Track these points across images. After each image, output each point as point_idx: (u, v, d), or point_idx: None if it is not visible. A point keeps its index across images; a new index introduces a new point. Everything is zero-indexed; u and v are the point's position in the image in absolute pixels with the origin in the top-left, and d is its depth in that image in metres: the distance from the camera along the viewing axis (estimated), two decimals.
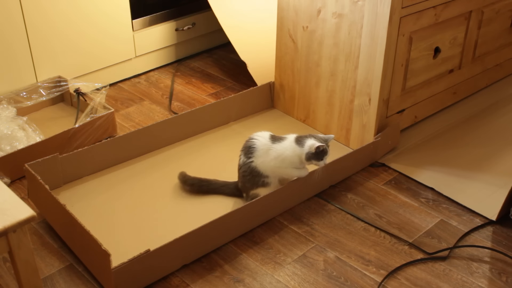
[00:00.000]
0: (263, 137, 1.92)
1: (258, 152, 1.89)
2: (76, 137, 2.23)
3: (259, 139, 1.91)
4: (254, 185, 1.92)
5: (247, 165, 1.91)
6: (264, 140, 1.91)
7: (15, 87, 2.45)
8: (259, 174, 1.90)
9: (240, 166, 1.94)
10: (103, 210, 1.97)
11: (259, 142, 1.90)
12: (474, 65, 2.54)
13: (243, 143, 1.96)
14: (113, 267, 1.57)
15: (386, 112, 2.21)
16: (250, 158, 1.90)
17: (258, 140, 1.91)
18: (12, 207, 1.33)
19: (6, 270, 1.74)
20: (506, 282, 1.71)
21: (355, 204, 2.02)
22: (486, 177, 2.14)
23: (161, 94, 2.72)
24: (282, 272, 1.74)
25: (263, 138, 1.91)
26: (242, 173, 1.93)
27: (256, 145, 1.90)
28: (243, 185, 1.95)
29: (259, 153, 1.89)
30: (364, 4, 2.03)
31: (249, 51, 2.70)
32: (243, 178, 1.93)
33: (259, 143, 1.90)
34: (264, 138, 1.91)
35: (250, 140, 1.92)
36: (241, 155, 1.94)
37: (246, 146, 1.93)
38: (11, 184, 2.11)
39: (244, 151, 1.93)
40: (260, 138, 1.91)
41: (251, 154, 1.90)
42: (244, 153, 1.92)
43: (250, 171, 1.90)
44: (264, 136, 1.92)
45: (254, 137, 1.92)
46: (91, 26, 2.60)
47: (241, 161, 1.93)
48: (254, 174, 1.90)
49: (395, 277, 1.73)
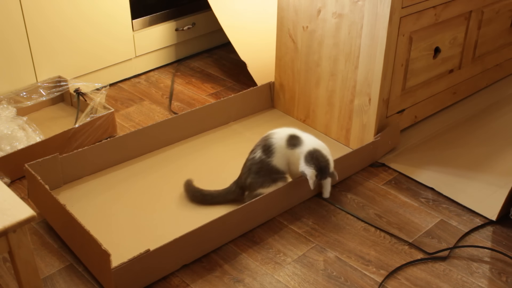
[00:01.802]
0: (281, 138, 1.94)
1: (277, 153, 1.91)
2: (76, 137, 2.23)
3: (278, 139, 1.93)
4: (266, 183, 1.92)
5: (266, 162, 1.91)
6: (282, 141, 1.93)
7: (15, 87, 2.45)
8: (278, 171, 1.92)
9: (255, 163, 1.93)
10: (103, 210, 1.97)
11: (278, 143, 1.92)
12: (474, 65, 2.54)
13: (243, 143, 1.95)
14: (113, 267, 1.57)
15: (386, 112, 2.21)
16: (269, 157, 1.91)
17: (277, 140, 1.93)
18: (12, 207, 1.33)
19: (6, 270, 1.74)
20: (506, 282, 1.71)
21: (355, 204, 2.02)
22: (486, 177, 2.14)
23: (161, 94, 2.72)
24: (282, 272, 1.74)
25: (281, 140, 1.93)
26: (256, 169, 1.92)
27: (275, 146, 1.92)
28: (252, 182, 1.93)
29: (278, 155, 1.91)
30: (364, 4, 2.03)
31: (249, 51, 2.70)
32: (256, 175, 1.92)
33: (278, 144, 1.92)
34: (282, 139, 1.93)
35: (269, 139, 1.93)
36: (257, 151, 1.93)
37: (265, 144, 1.93)
38: (11, 184, 2.11)
39: (263, 148, 1.93)
40: (278, 139, 1.94)
41: (270, 153, 1.91)
42: (263, 150, 1.92)
43: (267, 168, 1.91)
44: (282, 136, 1.94)
45: (273, 137, 1.94)
46: (91, 26, 2.60)
47: (257, 157, 1.93)
48: (272, 171, 1.91)
49: (395, 277, 1.73)
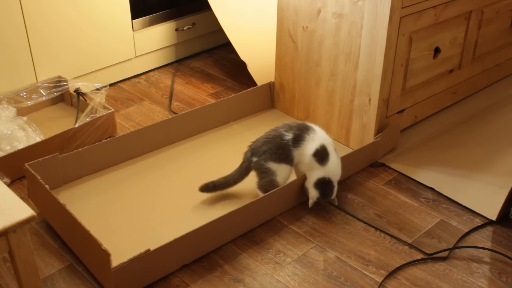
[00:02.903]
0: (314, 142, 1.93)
1: (300, 150, 1.92)
2: (76, 137, 2.23)
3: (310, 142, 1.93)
4: (277, 160, 1.92)
5: (288, 147, 1.92)
6: (312, 146, 1.92)
7: (15, 87, 2.45)
8: (291, 160, 1.93)
9: (281, 140, 1.92)
10: (103, 210, 1.97)
11: (308, 144, 1.92)
12: (474, 65, 2.54)
13: (243, 143, 1.95)
14: (113, 267, 1.57)
15: (386, 112, 2.21)
16: (294, 146, 1.92)
17: (308, 141, 1.93)
18: (12, 207, 1.33)
19: (6, 270, 1.74)
20: (506, 282, 1.71)
21: (355, 204, 2.02)
22: (486, 177, 2.14)
23: (161, 94, 2.72)
24: (282, 272, 1.74)
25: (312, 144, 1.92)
26: (277, 144, 1.92)
27: (304, 143, 1.92)
28: (267, 151, 1.92)
29: (301, 152, 1.92)
30: (364, 4, 2.03)
31: (249, 51, 2.70)
32: (274, 148, 1.92)
33: (307, 146, 1.92)
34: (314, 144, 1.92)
35: (304, 134, 1.93)
36: (289, 134, 1.93)
37: (299, 134, 1.93)
38: (11, 184, 2.11)
39: (294, 135, 1.93)
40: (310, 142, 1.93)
41: (296, 144, 1.92)
42: (293, 138, 1.92)
43: (285, 152, 1.92)
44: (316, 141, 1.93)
45: (309, 134, 1.94)
46: (91, 26, 2.60)
47: (286, 138, 1.92)
48: (287, 156, 1.92)
49: (395, 277, 1.73)
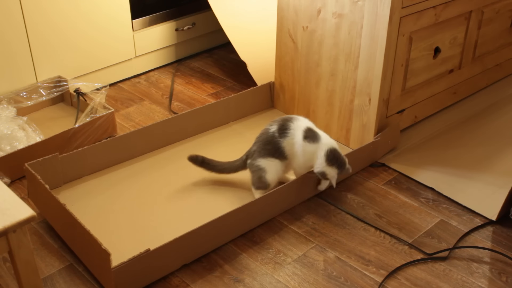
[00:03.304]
0: (299, 126, 1.95)
1: (288, 138, 1.93)
2: (76, 137, 2.23)
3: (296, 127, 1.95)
4: (267, 155, 1.93)
5: (275, 140, 1.93)
6: (299, 131, 1.94)
7: (15, 87, 2.45)
8: (282, 153, 1.93)
9: (267, 135, 1.95)
10: (103, 209, 1.97)
11: (295, 130, 1.94)
12: (474, 65, 2.54)
13: (243, 143, 1.95)
14: (113, 267, 1.57)
15: (386, 112, 2.21)
16: (281, 137, 1.93)
17: (295, 127, 1.95)
18: (12, 207, 1.33)
19: (6, 270, 1.74)
20: (506, 282, 1.71)
21: (355, 204, 2.02)
22: (486, 177, 2.14)
23: (161, 94, 2.72)
24: (282, 272, 1.74)
25: (298, 128, 1.95)
26: (264, 140, 1.94)
27: (290, 129, 1.94)
28: (256, 149, 1.96)
29: (289, 139, 1.93)
30: (364, 4, 2.03)
31: (249, 51, 2.70)
32: (262, 144, 1.94)
33: (294, 131, 1.94)
34: (300, 128, 1.95)
35: (288, 123, 1.95)
36: (273, 126, 1.95)
37: (283, 124, 1.95)
38: (11, 184, 2.11)
39: (279, 126, 1.95)
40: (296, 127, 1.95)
41: (283, 134, 1.93)
42: (278, 128, 1.94)
43: (274, 145, 1.93)
44: (300, 126, 1.96)
45: (293, 121, 1.95)
46: (91, 26, 2.60)
47: (271, 131, 1.94)
48: (277, 150, 1.93)
49: (395, 277, 1.73)
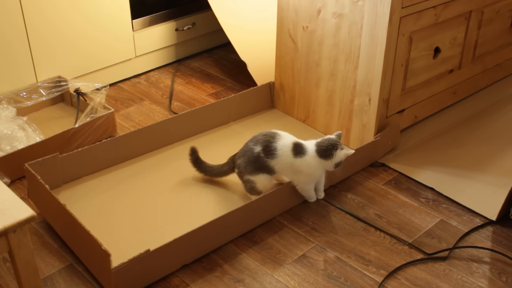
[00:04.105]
0: (286, 145, 1.88)
1: (278, 158, 1.88)
2: (76, 137, 2.23)
3: (282, 144, 1.88)
4: (254, 172, 1.90)
5: (262, 160, 1.88)
6: (286, 148, 1.88)
7: (15, 87, 2.45)
8: (271, 170, 1.90)
9: (252, 154, 1.89)
10: (103, 210, 1.97)
11: (282, 149, 1.88)
12: (474, 65, 2.54)
13: (243, 143, 1.95)
14: (113, 267, 1.57)
15: (386, 112, 2.21)
16: (268, 157, 1.87)
17: (280, 145, 1.88)
18: (12, 207, 1.33)
19: (6, 270, 1.74)
20: (506, 282, 1.71)
21: (355, 204, 2.02)
22: (486, 177, 2.14)
23: (161, 94, 2.72)
24: (282, 272, 1.74)
25: (285, 147, 1.88)
26: (251, 158, 1.89)
27: (278, 149, 1.87)
28: (242, 164, 1.92)
29: (278, 159, 1.88)
30: (364, 4, 2.03)
31: (249, 51, 2.69)
32: (248, 162, 1.90)
33: (281, 151, 1.88)
34: (287, 146, 1.88)
35: (273, 143, 1.88)
36: (257, 147, 1.88)
37: (267, 145, 1.88)
38: (11, 184, 2.11)
39: (264, 147, 1.88)
40: (282, 144, 1.88)
41: (270, 155, 1.88)
42: (263, 149, 1.88)
43: (262, 164, 1.89)
44: (286, 142, 1.89)
45: (277, 141, 1.89)
46: (91, 26, 2.60)
47: (256, 151, 1.88)
48: (265, 168, 1.89)
49: (395, 277, 1.73)
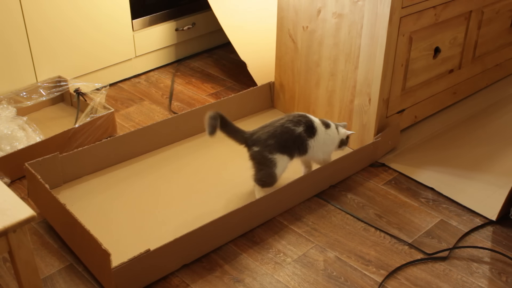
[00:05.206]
0: (317, 122, 1.99)
1: (317, 136, 1.96)
2: (76, 137, 2.23)
3: (317, 122, 1.99)
4: (283, 151, 1.91)
5: (304, 140, 1.94)
6: (319, 124, 1.99)
7: (15, 87, 2.45)
8: (306, 150, 1.95)
9: (291, 135, 1.92)
10: (103, 209, 1.97)
11: (318, 127, 1.98)
12: (474, 65, 2.55)
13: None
14: (113, 267, 1.57)
15: (386, 112, 2.21)
16: (310, 136, 1.95)
17: (316, 123, 1.98)
18: (12, 207, 1.33)
19: (6, 270, 1.74)
20: (506, 282, 1.71)
21: (355, 204, 2.02)
22: (486, 177, 2.14)
23: (161, 94, 2.72)
24: (282, 272, 1.74)
25: (318, 124, 1.99)
26: (289, 139, 1.91)
27: (317, 128, 1.97)
28: (275, 145, 1.91)
29: (317, 137, 1.97)
30: (364, 4, 2.03)
31: (249, 51, 2.70)
32: (283, 142, 1.91)
33: (319, 128, 1.98)
34: (318, 122, 1.99)
35: (308, 120, 1.96)
36: (300, 127, 1.93)
37: (307, 123, 1.95)
38: (11, 184, 2.11)
39: (305, 126, 1.94)
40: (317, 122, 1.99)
41: (312, 134, 1.95)
42: (305, 129, 1.94)
43: (302, 145, 1.94)
44: (316, 120, 2.00)
45: (309, 118, 1.97)
46: (91, 26, 2.60)
47: (297, 132, 1.92)
48: (302, 148, 1.95)
49: (395, 277, 1.73)
